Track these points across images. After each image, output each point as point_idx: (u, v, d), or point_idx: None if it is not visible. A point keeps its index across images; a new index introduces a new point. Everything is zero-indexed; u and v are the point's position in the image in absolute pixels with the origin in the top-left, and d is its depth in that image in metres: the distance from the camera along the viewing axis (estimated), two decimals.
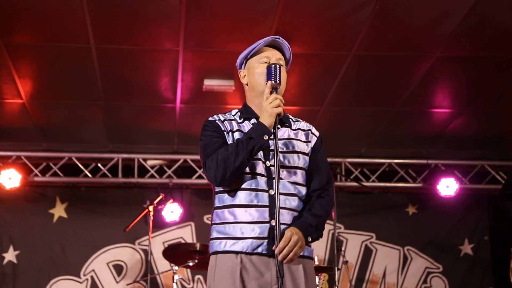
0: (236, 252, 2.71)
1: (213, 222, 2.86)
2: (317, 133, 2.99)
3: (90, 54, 5.51)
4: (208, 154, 2.77)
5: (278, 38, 2.92)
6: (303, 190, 2.85)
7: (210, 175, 2.75)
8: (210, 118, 2.94)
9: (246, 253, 2.70)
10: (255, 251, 2.70)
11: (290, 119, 2.98)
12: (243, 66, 2.99)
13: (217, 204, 2.86)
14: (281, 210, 2.69)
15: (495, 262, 7.85)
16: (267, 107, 2.71)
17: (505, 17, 5.01)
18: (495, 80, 6.06)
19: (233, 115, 2.96)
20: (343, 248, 7.38)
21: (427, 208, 7.96)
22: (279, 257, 2.59)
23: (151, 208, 6.20)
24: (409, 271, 7.84)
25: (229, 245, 2.73)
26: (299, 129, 2.95)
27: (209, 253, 2.83)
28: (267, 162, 2.77)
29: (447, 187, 7.62)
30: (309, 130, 2.97)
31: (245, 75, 2.97)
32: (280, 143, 2.82)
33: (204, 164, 2.80)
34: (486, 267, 7.88)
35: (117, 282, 7.49)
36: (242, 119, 2.92)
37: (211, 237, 2.84)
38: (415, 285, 7.82)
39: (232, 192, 2.79)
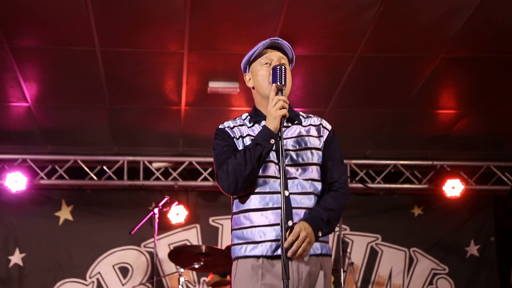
0: (258, 256, 2.71)
1: (232, 227, 2.87)
2: (328, 126, 2.98)
3: (95, 57, 5.52)
4: (219, 165, 2.78)
5: (278, 39, 2.91)
6: (319, 186, 2.84)
7: (224, 186, 2.76)
8: (220, 126, 2.92)
9: (267, 257, 2.70)
10: (275, 254, 2.69)
11: (301, 116, 2.96)
12: (247, 70, 2.98)
13: (234, 209, 2.86)
14: (297, 210, 2.71)
15: (501, 263, 7.83)
16: (271, 110, 2.70)
17: (510, 17, 5.00)
18: (500, 80, 6.05)
19: (243, 119, 2.94)
20: (348, 250, 7.40)
21: (433, 210, 7.95)
22: (289, 253, 2.59)
23: (156, 210, 6.19)
24: (415, 272, 7.82)
25: (249, 249, 2.73)
26: (310, 124, 2.94)
27: (233, 259, 2.84)
28: (280, 163, 2.73)
29: (453, 188, 7.60)
30: (320, 124, 2.96)
31: (250, 79, 2.95)
32: (291, 141, 2.84)
33: (216, 175, 2.80)
34: (492, 268, 7.86)
35: (123, 285, 7.50)
36: (252, 123, 2.90)
37: (232, 242, 2.85)
38: (421, 287, 7.80)
39: (246, 197, 2.78)
